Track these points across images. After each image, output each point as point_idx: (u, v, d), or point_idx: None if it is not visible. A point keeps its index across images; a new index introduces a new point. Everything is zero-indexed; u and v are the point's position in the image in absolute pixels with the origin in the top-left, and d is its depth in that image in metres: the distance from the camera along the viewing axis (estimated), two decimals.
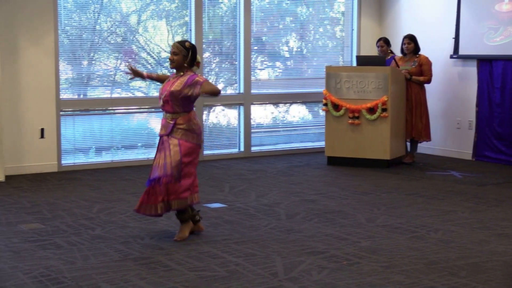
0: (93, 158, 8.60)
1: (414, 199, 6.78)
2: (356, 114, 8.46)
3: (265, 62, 9.94)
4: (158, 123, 5.48)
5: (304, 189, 7.24)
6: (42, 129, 8.13)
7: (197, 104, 8.86)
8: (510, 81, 8.74)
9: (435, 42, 9.40)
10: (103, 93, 8.76)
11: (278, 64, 10.06)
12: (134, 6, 8.86)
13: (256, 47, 9.68)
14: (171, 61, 5.33)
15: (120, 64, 8.74)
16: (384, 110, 8.33)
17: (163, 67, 8.90)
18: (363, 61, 8.75)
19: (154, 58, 9.05)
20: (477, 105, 9.14)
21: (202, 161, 8.95)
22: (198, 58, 5.43)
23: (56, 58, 8.17)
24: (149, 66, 8.93)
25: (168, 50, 5.45)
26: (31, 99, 8.04)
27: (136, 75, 5.62)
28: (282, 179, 7.82)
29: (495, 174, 8.16)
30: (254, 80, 9.63)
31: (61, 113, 8.30)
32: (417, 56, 8.84)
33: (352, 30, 10.31)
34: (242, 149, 9.53)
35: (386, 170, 8.33)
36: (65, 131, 8.37)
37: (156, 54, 9.04)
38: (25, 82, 8.00)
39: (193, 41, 8.88)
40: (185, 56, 5.31)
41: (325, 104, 8.67)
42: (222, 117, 9.62)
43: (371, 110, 8.39)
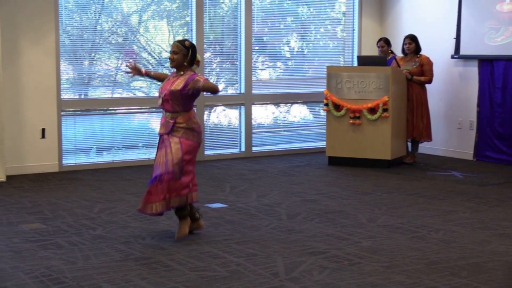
0: (94, 158, 8.60)
1: (415, 199, 6.78)
2: (357, 114, 8.46)
3: (266, 62, 9.94)
4: (159, 123, 5.47)
5: (305, 189, 7.24)
6: (43, 129, 8.13)
7: (198, 104, 8.89)
8: (511, 81, 8.74)
9: (436, 42, 9.39)
10: (104, 93, 8.77)
11: (279, 64, 10.06)
12: (135, 6, 8.86)
13: (257, 47, 9.68)
14: (171, 60, 5.33)
15: (121, 64, 8.74)
16: (385, 110, 8.33)
17: (164, 67, 8.90)
18: (364, 61, 8.75)
19: (155, 58, 9.05)
20: (478, 105, 9.13)
21: (203, 161, 8.96)
22: (198, 57, 5.43)
23: (57, 58, 8.17)
24: (150, 66, 8.93)
25: (169, 50, 5.44)
26: (32, 99, 8.04)
27: (136, 72, 5.63)
28: (283, 179, 7.82)
29: (496, 174, 8.15)
30: (255, 80, 9.62)
31: (62, 113, 8.30)
32: (418, 56, 8.84)
33: (353, 30, 10.30)
34: (243, 149, 9.53)
35: (387, 170, 8.33)
36: (66, 131, 8.37)
37: (157, 54, 9.04)
38: (26, 82, 8.00)
39: (194, 41, 8.88)
40: (185, 55, 5.31)
41: (326, 104, 8.67)
42: (223, 117, 9.62)
43: (372, 110, 8.39)
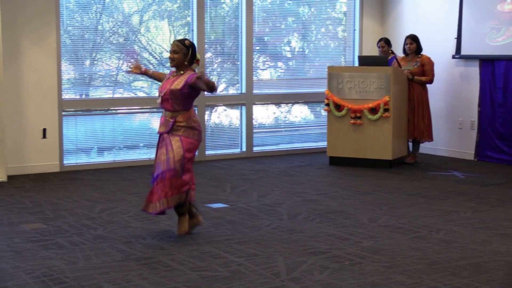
0: (95, 158, 8.60)
1: (416, 199, 6.77)
2: (358, 114, 8.46)
3: (267, 62, 9.94)
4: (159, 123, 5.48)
5: (306, 189, 7.24)
6: (44, 129, 8.13)
7: (199, 104, 8.90)
8: None
9: (437, 42, 9.39)
10: (105, 93, 8.77)
11: (280, 64, 10.06)
12: (136, 6, 8.86)
13: (258, 47, 9.68)
14: (172, 60, 5.34)
15: (122, 64, 8.74)
16: (386, 110, 8.32)
17: (165, 67, 8.90)
18: (365, 61, 8.75)
19: (156, 58, 9.05)
20: (479, 105, 9.13)
21: (204, 161, 8.96)
22: (198, 56, 5.45)
23: (58, 58, 8.17)
24: (151, 66, 8.93)
25: (169, 50, 5.45)
26: (33, 99, 8.04)
27: (137, 71, 5.66)
28: (284, 179, 7.82)
29: (497, 174, 8.15)
30: (256, 80, 9.62)
31: (63, 113, 8.30)
32: (419, 56, 8.84)
33: (354, 30, 10.30)
34: (244, 149, 9.53)
35: (388, 170, 8.32)
36: (67, 131, 8.38)
37: (158, 54, 9.05)
38: (27, 82, 8.00)
39: (195, 41, 8.88)
40: (185, 54, 5.32)
41: (327, 104, 8.66)
42: (224, 117, 9.62)
43: (373, 110, 8.38)
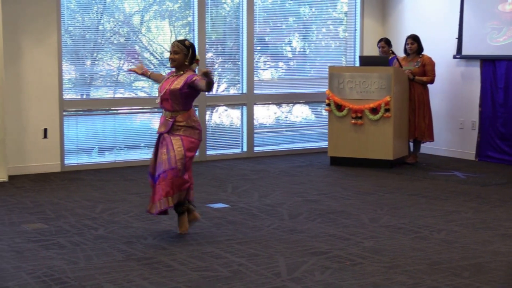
0: (96, 158, 8.61)
1: (417, 200, 6.77)
2: (359, 114, 8.45)
3: (268, 62, 9.94)
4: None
5: (307, 189, 7.24)
6: (45, 129, 8.13)
7: (200, 104, 8.90)
8: None
9: (438, 42, 9.39)
10: (106, 93, 8.77)
11: (281, 64, 10.06)
12: (137, 7, 8.86)
13: (259, 47, 9.68)
14: (172, 60, 5.35)
15: (123, 65, 8.74)
16: (387, 111, 8.32)
17: (166, 67, 8.90)
18: (366, 61, 8.75)
19: (157, 58, 9.05)
20: (480, 105, 9.13)
21: (205, 161, 8.96)
22: (197, 56, 5.47)
23: (59, 58, 8.17)
24: (152, 66, 8.93)
25: (169, 50, 5.46)
26: (34, 99, 8.04)
27: (138, 70, 5.69)
28: (285, 179, 7.82)
29: (498, 174, 8.15)
30: (257, 80, 9.62)
31: (64, 113, 8.30)
32: (420, 56, 8.83)
33: (355, 31, 10.30)
34: (245, 149, 9.53)
35: (389, 171, 8.32)
36: (68, 131, 8.38)
37: (159, 54, 9.05)
38: (28, 82, 8.00)
39: (196, 42, 8.89)
40: (186, 55, 5.33)
41: (328, 104, 8.66)
42: (225, 117, 9.62)
43: (374, 110, 8.38)
